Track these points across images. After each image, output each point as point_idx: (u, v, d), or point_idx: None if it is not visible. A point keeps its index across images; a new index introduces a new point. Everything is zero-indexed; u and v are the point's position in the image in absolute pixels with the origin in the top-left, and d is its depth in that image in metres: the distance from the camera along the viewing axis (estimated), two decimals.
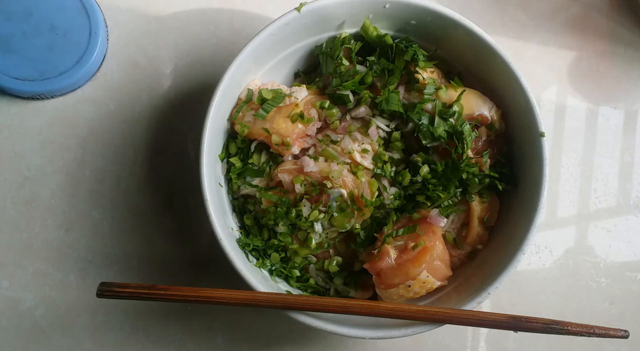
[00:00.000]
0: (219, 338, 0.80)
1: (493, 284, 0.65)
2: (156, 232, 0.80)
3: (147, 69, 0.82)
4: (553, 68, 0.87)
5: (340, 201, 0.69)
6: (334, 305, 0.63)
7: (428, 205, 0.70)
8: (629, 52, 0.87)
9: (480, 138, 0.70)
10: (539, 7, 0.87)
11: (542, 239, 0.84)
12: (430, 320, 0.63)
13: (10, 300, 0.78)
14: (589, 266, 0.84)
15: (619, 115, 0.87)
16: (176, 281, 0.79)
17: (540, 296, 0.83)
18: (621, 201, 0.85)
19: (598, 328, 0.60)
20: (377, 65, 0.70)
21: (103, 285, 0.62)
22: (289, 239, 0.70)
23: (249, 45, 0.67)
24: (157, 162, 0.81)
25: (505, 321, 0.61)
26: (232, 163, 0.71)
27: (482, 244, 0.71)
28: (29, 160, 0.80)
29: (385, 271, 0.67)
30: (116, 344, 0.79)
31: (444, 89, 0.69)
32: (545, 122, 0.68)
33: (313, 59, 0.76)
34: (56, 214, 0.80)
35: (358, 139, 0.71)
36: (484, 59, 0.70)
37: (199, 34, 0.83)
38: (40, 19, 0.77)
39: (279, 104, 0.69)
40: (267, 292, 0.64)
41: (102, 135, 0.81)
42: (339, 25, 0.71)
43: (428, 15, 0.69)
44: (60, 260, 0.79)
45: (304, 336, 0.80)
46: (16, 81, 0.77)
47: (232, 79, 0.67)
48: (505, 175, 0.72)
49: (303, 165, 0.69)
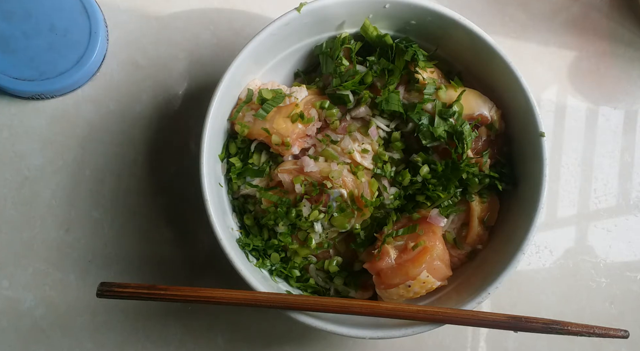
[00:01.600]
0: (219, 338, 0.80)
1: (493, 284, 0.65)
2: (156, 232, 0.80)
3: (147, 69, 0.82)
4: (553, 68, 0.87)
5: (340, 201, 0.68)
6: (334, 305, 0.63)
7: (428, 205, 0.70)
8: (629, 52, 0.87)
9: (480, 138, 0.70)
10: (539, 7, 0.87)
11: (542, 239, 0.84)
12: (430, 320, 0.63)
13: (10, 300, 0.78)
14: (589, 266, 0.84)
15: (619, 115, 0.87)
16: (176, 281, 0.79)
17: (540, 296, 0.83)
18: (621, 201, 0.85)
19: (598, 328, 0.60)
20: (377, 65, 0.70)
21: (103, 285, 0.62)
22: (289, 239, 0.70)
23: (249, 45, 0.67)
24: (157, 162, 0.81)
25: (505, 321, 0.61)
26: (232, 163, 0.71)
27: (482, 244, 0.71)
28: (29, 160, 0.80)
29: (385, 271, 0.67)
30: (116, 344, 0.79)
31: (444, 89, 0.69)
32: (545, 122, 0.69)
33: (313, 59, 0.76)
34: (56, 214, 0.80)
35: (358, 139, 0.71)
36: (484, 59, 0.70)
37: (199, 34, 0.83)
38: (40, 19, 0.77)
39: (279, 104, 0.69)
40: (267, 292, 0.64)
41: (102, 135, 0.81)
42: (339, 25, 0.71)
43: (428, 15, 0.69)
44: (60, 260, 0.79)
45: (304, 336, 0.80)
46: (16, 81, 0.77)
47: (232, 79, 0.67)
48: (505, 175, 0.72)
49: (303, 165, 0.69)
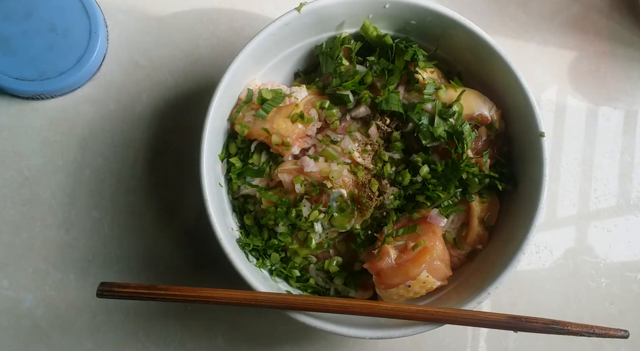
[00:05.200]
0: (219, 338, 0.80)
1: (493, 284, 0.65)
2: (156, 232, 0.80)
3: (147, 69, 0.82)
4: (553, 68, 0.87)
5: (340, 201, 0.69)
6: (334, 305, 0.63)
7: (428, 205, 0.70)
8: (629, 52, 0.87)
9: (480, 138, 0.70)
10: (539, 7, 0.87)
11: (542, 239, 0.84)
12: (430, 320, 0.63)
13: (10, 300, 0.78)
14: (589, 266, 0.84)
15: (619, 115, 0.87)
16: (176, 281, 0.79)
17: (540, 296, 0.83)
18: (621, 201, 0.85)
19: (598, 328, 0.60)
20: (377, 65, 0.70)
21: (103, 285, 0.62)
22: (289, 239, 0.70)
23: (249, 45, 0.67)
24: (157, 162, 0.81)
25: (505, 321, 0.61)
26: (232, 163, 0.71)
27: (482, 244, 0.71)
28: (29, 160, 0.80)
29: (385, 271, 0.67)
30: (116, 344, 0.79)
31: (444, 89, 0.69)
32: (545, 122, 0.68)
33: (313, 59, 0.76)
34: (56, 214, 0.80)
35: (358, 139, 0.71)
36: (484, 59, 0.69)
37: (199, 34, 0.83)
38: (40, 19, 0.77)
39: (279, 104, 0.69)
40: (267, 292, 0.64)
41: (102, 135, 0.81)
42: (339, 25, 0.71)
43: (428, 15, 0.69)
44: (60, 260, 0.79)
45: (304, 336, 0.80)
46: (16, 81, 0.77)
47: (232, 79, 0.67)
48: (505, 175, 0.72)
49: (303, 165, 0.69)
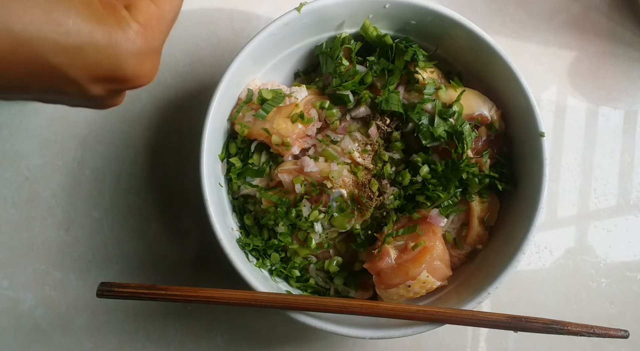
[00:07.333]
0: (219, 338, 0.80)
1: (493, 284, 0.65)
2: (156, 232, 0.80)
3: None
4: (553, 68, 0.86)
5: (340, 201, 0.68)
6: (334, 304, 0.63)
7: (428, 205, 0.70)
8: (629, 52, 0.87)
9: (480, 138, 0.70)
10: (539, 7, 0.87)
11: (542, 239, 0.84)
12: (430, 320, 0.63)
13: (10, 300, 0.78)
14: (589, 266, 0.84)
15: (619, 115, 0.87)
16: (176, 281, 0.79)
17: (540, 296, 0.83)
18: (621, 201, 0.85)
19: (598, 328, 0.60)
20: (377, 65, 0.70)
21: (103, 285, 0.61)
22: (289, 239, 0.70)
23: (249, 45, 0.67)
24: (157, 162, 0.81)
25: (505, 321, 0.61)
26: (232, 163, 0.71)
27: (482, 244, 0.71)
28: (29, 160, 0.80)
29: (385, 271, 0.67)
30: (116, 344, 0.79)
31: (444, 89, 0.69)
32: (545, 122, 0.68)
33: (313, 59, 0.76)
34: (56, 214, 0.80)
35: (358, 139, 0.71)
36: (484, 59, 0.69)
37: (199, 34, 0.83)
38: None
39: (279, 104, 0.69)
40: (267, 292, 0.64)
41: (102, 135, 0.81)
42: (339, 25, 0.71)
43: (428, 15, 0.69)
44: (60, 260, 0.79)
45: (304, 336, 0.80)
46: None
47: (232, 79, 0.67)
48: (505, 175, 0.72)
49: (303, 165, 0.69)
